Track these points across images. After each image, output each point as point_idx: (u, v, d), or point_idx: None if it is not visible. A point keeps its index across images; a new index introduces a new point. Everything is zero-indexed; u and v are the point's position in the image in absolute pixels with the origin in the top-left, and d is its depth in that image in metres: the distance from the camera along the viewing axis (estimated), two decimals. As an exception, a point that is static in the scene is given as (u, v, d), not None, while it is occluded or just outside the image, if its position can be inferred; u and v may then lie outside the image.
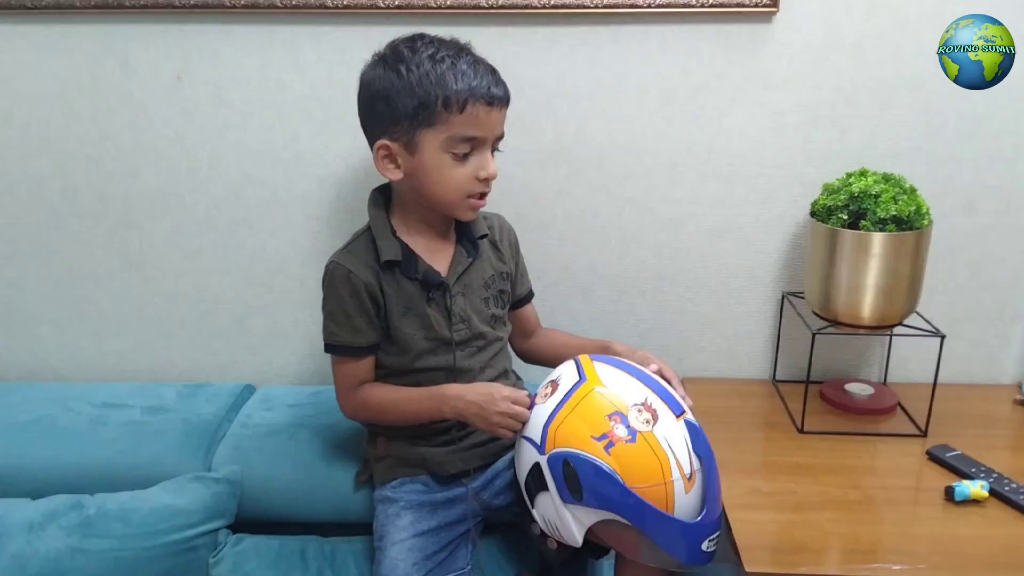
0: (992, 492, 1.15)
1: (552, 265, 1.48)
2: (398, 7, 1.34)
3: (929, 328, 1.33)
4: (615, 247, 1.48)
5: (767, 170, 1.42)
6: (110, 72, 1.41)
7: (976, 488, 1.14)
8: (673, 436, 1.00)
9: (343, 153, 1.43)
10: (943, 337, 1.30)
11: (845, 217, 1.26)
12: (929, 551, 1.06)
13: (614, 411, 1.00)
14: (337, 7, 1.34)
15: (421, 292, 1.16)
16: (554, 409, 1.04)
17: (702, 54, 1.37)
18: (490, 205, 1.20)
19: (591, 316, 1.51)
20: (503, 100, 1.12)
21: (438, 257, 1.18)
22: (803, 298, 1.40)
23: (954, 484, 1.15)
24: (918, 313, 1.35)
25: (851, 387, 1.43)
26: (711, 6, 1.32)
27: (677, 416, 1.03)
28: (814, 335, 1.31)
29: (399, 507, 1.19)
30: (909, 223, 1.24)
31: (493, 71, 1.12)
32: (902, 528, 1.11)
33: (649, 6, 1.32)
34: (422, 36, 1.11)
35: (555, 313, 1.50)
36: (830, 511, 1.14)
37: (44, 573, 1.18)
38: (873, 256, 1.24)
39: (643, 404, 1.01)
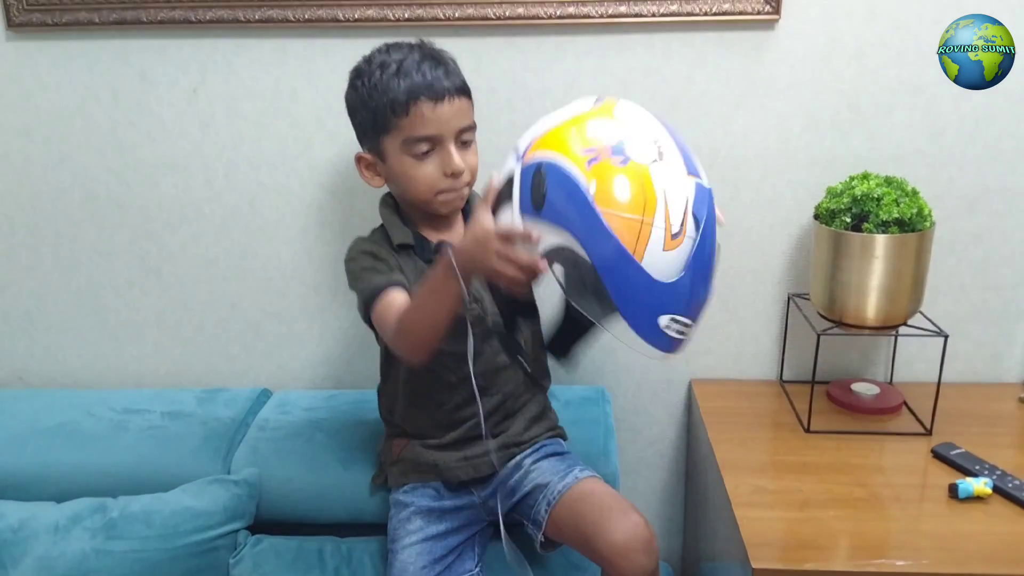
0: (996, 489, 1.17)
1: (561, 269, 1.51)
2: (408, 20, 1.37)
3: (933, 328, 1.35)
4: (623, 251, 1.50)
5: (771, 174, 1.44)
6: (128, 85, 1.45)
7: (980, 485, 1.16)
8: (674, 186, 0.88)
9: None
10: (947, 337, 1.32)
11: (848, 220, 1.28)
12: (933, 547, 1.08)
13: (618, 141, 0.89)
14: (349, 20, 1.37)
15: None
16: (554, 122, 0.95)
17: (706, 61, 1.39)
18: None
19: (600, 319, 1.53)
20: (451, 92, 1.10)
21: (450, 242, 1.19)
22: (808, 299, 1.42)
23: (958, 481, 1.17)
24: (922, 313, 1.37)
25: (857, 387, 1.45)
26: (714, 14, 1.35)
27: (688, 174, 0.90)
28: (819, 336, 1.33)
29: (410, 511, 1.22)
30: (911, 225, 1.26)
31: (440, 64, 1.11)
32: (907, 525, 1.13)
33: (653, 15, 1.35)
34: (381, 47, 1.15)
35: (564, 317, 1.53)
36: (836, 509, 1.16)
37: (69, 574, 1.22)
38: (876, 258, 1.27)
39: (654, 141, 0.89)
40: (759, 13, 1.34)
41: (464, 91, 1.14)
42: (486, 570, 1.24)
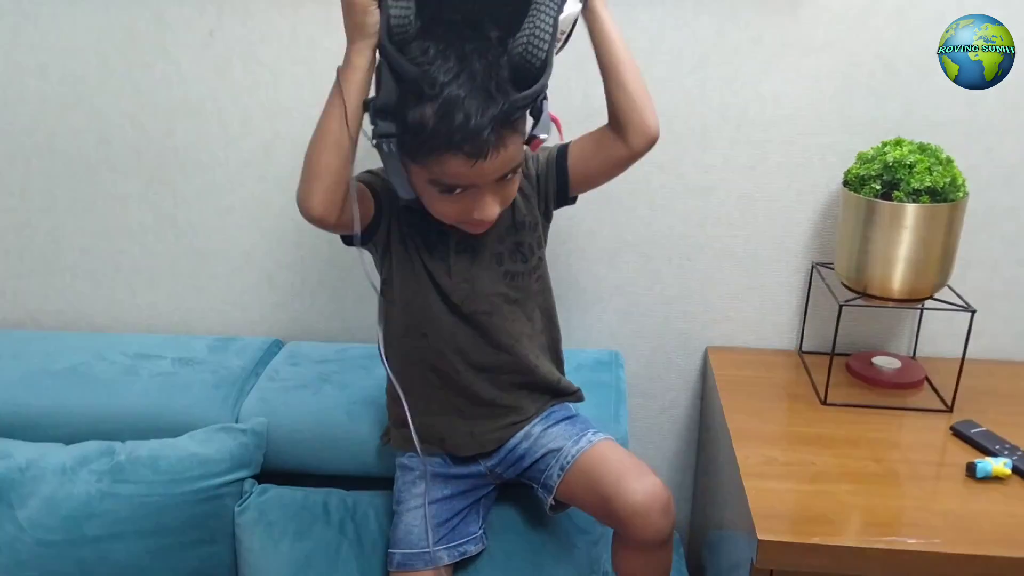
0: (1015, 470, 1.14)
1: (578, 230, 1.48)
2: (430, -35, 1.32)
3: (960, 303, 1.31)
4: (642, 213, 1.46)
5: (801, 138, 1.39)
6: (144, 27, 1.42)
7: (999, 465, 1.13)
8: None
9: (372, 112, 1.43)
10: (974, 312, 1.28)
11: (878, 187, 1.24)
12: (947, 526, 1.05)
13: None
14: (368, -36, 1.33)
15: (427, 235, 1.09)
16: None
17: (738, 17, 1.34)
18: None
19: (616, 282, 1.51)
20: (496, 145, 0.90)
21: None
22: (833, 269, 1.38)
23: (976, 461, 1.14)
24: (950, 287, 1.33)
25: (878, 360, 1.41)
26: (748, -32, 1.29)
27: None
28: (841, 307, 1.29)
29: (415, 475, 1.21)
30: (944, 195, 1.21)
31: (493, 95, 0.88)
32: (920, 503, 1.10)
33: (684, -33, 1.30)
34: (427, 31, 0.92)
35: (580, 278, 1.50)
36: (848, 483, 1.13)
37: (75, 515, 1.23)
38: (905, 228, 1.22)
39: None
40: (796, -33, 1.29)
41: (516, 125, 0.94)
42: (490, 533, 1.23)
